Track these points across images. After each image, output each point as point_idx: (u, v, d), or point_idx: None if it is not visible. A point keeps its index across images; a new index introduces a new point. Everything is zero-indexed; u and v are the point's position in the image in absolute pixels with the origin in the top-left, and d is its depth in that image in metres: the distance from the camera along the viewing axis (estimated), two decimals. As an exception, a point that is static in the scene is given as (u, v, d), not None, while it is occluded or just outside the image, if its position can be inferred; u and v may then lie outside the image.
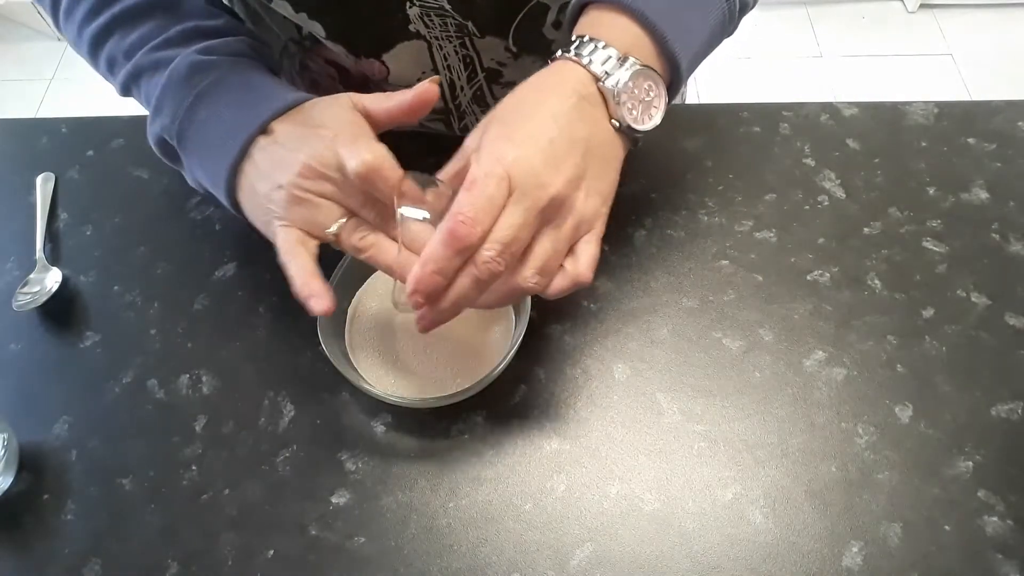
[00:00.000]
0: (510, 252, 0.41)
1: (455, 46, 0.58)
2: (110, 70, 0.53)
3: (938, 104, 0.68)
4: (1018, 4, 2.02)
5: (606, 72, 0.44)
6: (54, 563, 0.49)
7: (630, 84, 0.45)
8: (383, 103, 0.48)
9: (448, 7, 0.54)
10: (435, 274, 0.41)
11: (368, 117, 0.48)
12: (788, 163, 0.65)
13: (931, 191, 0.63)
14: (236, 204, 0.49)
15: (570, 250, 0.44)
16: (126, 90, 0.52)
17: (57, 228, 0.65)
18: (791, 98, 0.70)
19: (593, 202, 0.44)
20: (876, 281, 0.58)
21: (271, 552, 0.49)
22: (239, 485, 0.51)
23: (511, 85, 0.62)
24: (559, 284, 0.44)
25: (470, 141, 0.46)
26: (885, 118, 0.67)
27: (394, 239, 0.47)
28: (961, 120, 0.67)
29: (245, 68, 0.50)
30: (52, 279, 0.60)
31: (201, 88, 0.48)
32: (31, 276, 0.61)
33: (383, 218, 0.47)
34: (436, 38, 0.57)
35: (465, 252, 0.41)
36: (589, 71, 0.45)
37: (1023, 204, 0.62)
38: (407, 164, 0.68)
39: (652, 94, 0.46)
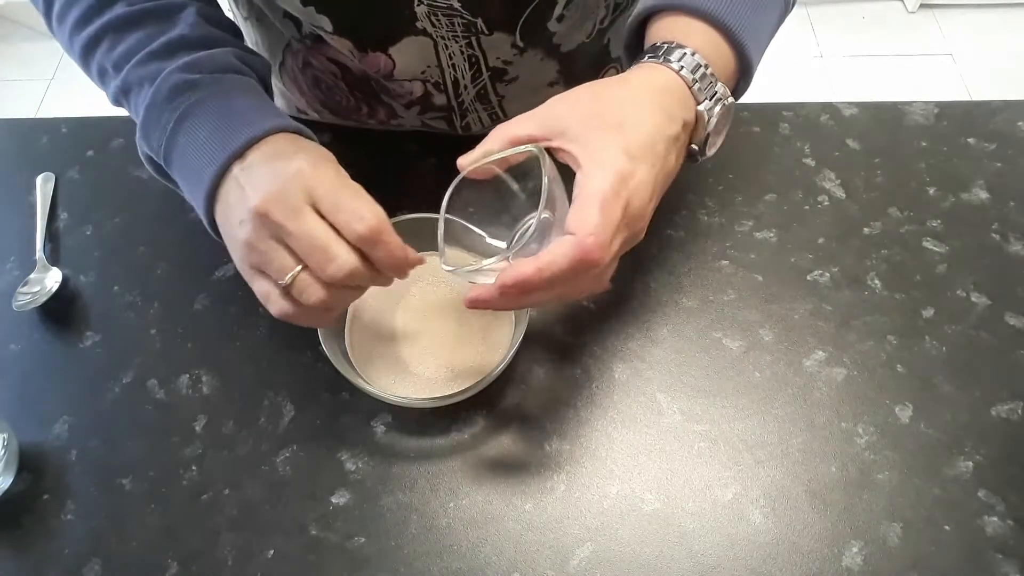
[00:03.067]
0: (595, 278, 0.42)
1: (461, 46, 0.58)
2: (101, 80, 0.52)
3: (938, 104, 0.68)
4: (1018, 4, 2.02)
5: (695, 79, 0.44)
6: (54, 563, 0.49)
7: (721, 119, 0.46)
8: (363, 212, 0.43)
9: (457, 5, 0.54)
10: (549, 282, 0.40)
11: None
12: (788, 163, 0.65)
13: (931, 191, 0.63)
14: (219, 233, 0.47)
15: None
16: (117, 103, 0.51)
17: (57, 228, 0.65)
18: (791, 98, 0.70)
19: (645, 223, 0.44)
20: (876, 281, 0.58)
21: (271, 552, 0.49)
22: (239, 485, 0.51)
23: (514, 82, 0.63)
24: (584, 293, 0.45)
25: (561, 113, 0.44)
26: (885, 118, 0.67)
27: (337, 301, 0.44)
28: (961, 120, 0.67)
29: (228, 88, 0.48)
30: (52, 279, 0.60)
31: (181, 111, 0.46)
32: (31, 276, 0.61)
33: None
34: (442, 37, 0.57)
35: (585, 272, 0.40)
36: (685, 81, 0.44)
37: (1023, 204, 0.62)
38: (407, 164, 0.69)
39: (725, 126, 0.47)
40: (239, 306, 0.59)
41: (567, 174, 0.43)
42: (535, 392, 0.54)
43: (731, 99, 0.46)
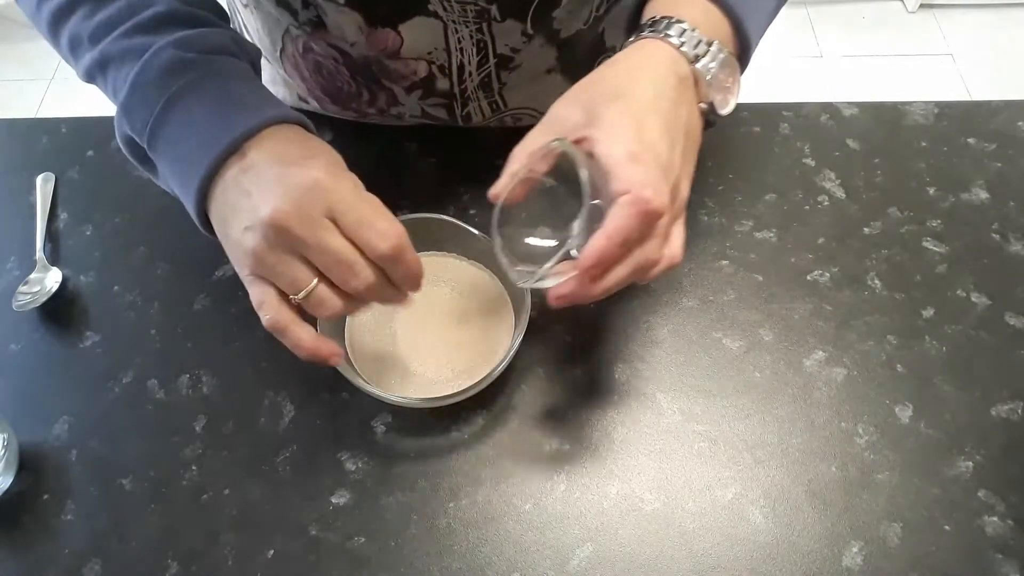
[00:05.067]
0: (664, 239, 0.42)
1: (471, 31, 0.58)
2: (72, 52, 0.49)
3: (938, 104, 0.68)
4: (1018, 4, 2.02)
5: (696, 55, 0.45)
6: (54, 563, 0.49)
7: (719, 71, 0.45)
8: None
9: None
10: (622, 247, 0.40)
11: None
12: (788, 163, 0.65)
13: (931, 191, 0.63)
14: (208, 222, 0.45)
15: None
16: (90, 77, 0.48)
17: (57, 228, 0.65)
18: (791, 98, 0.70)
19: (687, 185, 0.45)
20: (876, 281, 0.58)
21: (271, 552, 0.49)
22: (239, 485, 0.51)
23: (518, 69, 0.63)
24: (658, 268, 0.44)
25: (564, 113, 0.44)
26: (885, 118, 0.67)
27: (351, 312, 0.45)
28: (961, 120, 0.67)
29: (225, 70, 0.46)
30: (52, 279, 0.60)
31: (174, 92, 0.44)
32: (31, 276, 0.61)
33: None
34: (453, 21, 0.57)
35: (652, 224, 0.41)
36: (680, 51, 0.45)
37: (1023, 204, 0.62)
38: (407, 163, 0.69)
39: (731, 82, 0.47)
40: (239, 306, 0.59)
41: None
42: (535, 392, 0.54)
43: (726, 52, 0.46)
